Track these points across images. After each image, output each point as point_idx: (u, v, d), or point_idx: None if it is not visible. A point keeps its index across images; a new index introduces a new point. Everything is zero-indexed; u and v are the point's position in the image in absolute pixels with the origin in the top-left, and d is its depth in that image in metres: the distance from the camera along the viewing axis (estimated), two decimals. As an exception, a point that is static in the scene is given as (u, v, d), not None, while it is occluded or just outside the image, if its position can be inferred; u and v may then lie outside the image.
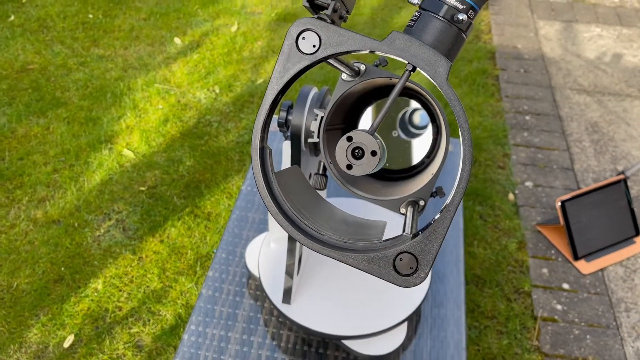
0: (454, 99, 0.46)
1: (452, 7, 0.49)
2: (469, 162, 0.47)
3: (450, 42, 0.50)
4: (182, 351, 1.06)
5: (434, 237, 0.47)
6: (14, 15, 2.70)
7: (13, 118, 2.10)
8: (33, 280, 1.57)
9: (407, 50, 0.45)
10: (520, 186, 1.93)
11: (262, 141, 0.49)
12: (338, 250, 0.48)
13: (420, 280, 0.47)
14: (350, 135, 0.47)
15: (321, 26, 0.46)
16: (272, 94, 0.48)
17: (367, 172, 0.47)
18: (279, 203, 0.49)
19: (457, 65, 2.49)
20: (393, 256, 0.47)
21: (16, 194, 1.81)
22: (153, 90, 2.25)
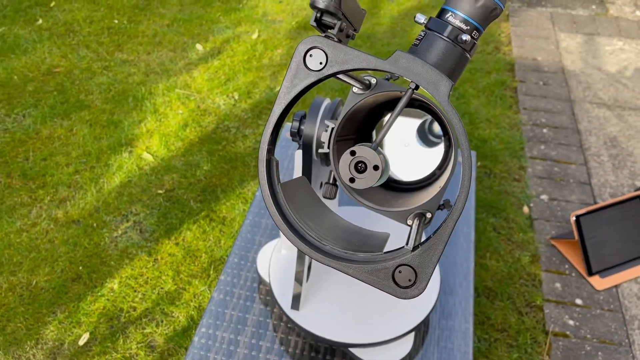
0: (455, 118, 0.47)
1: (457, 27, 0.51)
2: (468, 179, 0.48)
3: (454, 62, 0.52)
4: (192, 353, 1.09)
5: (432, 251, 0.48)
6: (42, 19, 2.77)
7: (38, 119, 2.16)
8: (52, 278, 1.61)
9: (410, 69, 0.47)
10: (536, 199, 1.93)
11: (269, 153, 0.51)
12: (339, 261, 0.50)
13: (419, 292, 0.48)
14: (353, 149, 0.49)
15: (328, 44, 0.48)
16: (279, 108, 0.50)
17: (369, 185, 0.49)
18: (283, 213, 0.51)
19: (476, 76, 2.49)
20: (392, 268, 0.49)
21: (38, 194, 1.86)
22: (174, 95, 2.30)
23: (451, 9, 0.52)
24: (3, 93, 2.29)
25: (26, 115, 2.18)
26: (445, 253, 1.29)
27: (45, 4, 2.89)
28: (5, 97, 2.27)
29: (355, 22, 0.51)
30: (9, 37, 2.62)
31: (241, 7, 2.94)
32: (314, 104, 0.91)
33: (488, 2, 0.51)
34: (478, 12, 0.51)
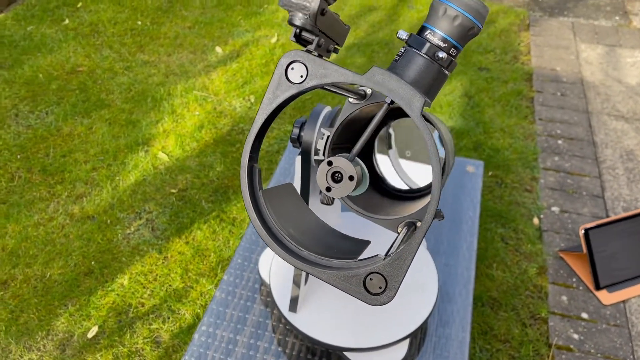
0: (426, 135, 0.49)
1: (435, 45, 0.53)
2: (437, 193, 0.49)
3: (432, 78, 0.53)
4: (191, 350, 1.12)
5: (402, 261, 0.50)
6: (69, 19, 2.85)
7: (60, 117, 2.22)
8: (65, 271, 1.66)
9: (384, 84, 0.49)
10: (546, 211, 1.92)
11: (251, 161, 0.53)
12: (314, 267, 0.52)
13: (388, 299, 0.50)
14: (330, 160, 0.51)
15: (308, 59, 0.50)
16: (261, 118, 0.52)
17: (345, 195, 0.51)
18: (263, 218, 0.54)
19: (492, 85, 2.49)
20: (364, 275, 0.50)
21: (57, 189, 1.92)
22: (191, 96, 2.34)
23: (430, 27, 0.53)
24: (28, 90, 2.36)
25: (49, 113, 2.25)
26: (447, 262, 1.30)
27: (72, 4, 2.97)
28: (30, 95, 2.34)
29: (337, 38, 0.53)
30: (36, 36, 2.70)
31: (262, 11, 2.98)
32: (314, 111, 0.93)
33: (465, 21, 0.52)
34: (456, 30, 0.53)
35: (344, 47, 2.70)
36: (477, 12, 0.52)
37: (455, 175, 1.52)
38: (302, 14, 0.47)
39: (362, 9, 3.03)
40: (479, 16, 0.53)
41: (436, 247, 1.33)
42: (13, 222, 1.80)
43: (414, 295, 1.09)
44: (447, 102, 2.36)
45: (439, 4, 0.53)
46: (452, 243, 1.34)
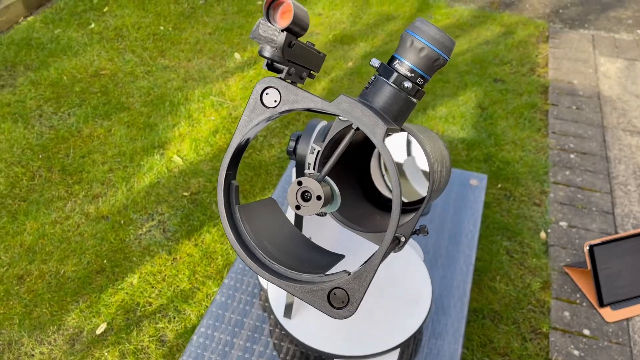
0: (388, 160, 0.51)
1: (402, 75, 0.55)
2: (396, 221, 0.52)
3: (399, 106, 0.56)
4: (189, 350, 1.16)
5: (363, 278, 0.53)
6: (95, 23, 2.94)
7: (81, 118, 2.30)
8: (78, 269, 1.72)
9: (350, 112, 0.52)
10: (554, 225, 1.91)
11: (227, 178, 0.56)
12: (284, 280, 0.55)
13: (349, 314, 0.53)
14: (300, 180, 0.54)
15: (281, 85, 0.53)
16: (237, 139, 0.56)
17: (313, 213, 0.54)
18: (238, 232, 0.57)
19: (506, 97, 2.49)
20: (328, 290, 0.54)
21: (74, 189, 1.99)
22: (208, 102, 2.40)
23: (399, 57, 0.56)
24: (52, 92, 2.45)
25: (71, 114, 2.33)
26: (444, 274, 1.31)
27: (99, 8, 3.07)
28: (54, 96, 2.42)
29: (311, 65, 0.57)
30: (63, 39, 2.80)
31: (281, 18, 3.03)
32: (308, 125, 0.97)
33: (431, 53, 0.55)
34: (422, 61, 0.56)
35: (359, 56, 2.73)
36: (442, 44, 0.55)
37: (458, 188, 1.53)
38: (270, 47, 0.51)
39: (381, 18, 3.06)
40: (444, 49, 0.56)
41: (434, 259, 1.35)
42: (32, 220, 1.87)
43: (407, 306, 1.12)
44: (460, 113, 2.37)
45: (407, 35, 0.56)
46: (450, 256, 1.35)
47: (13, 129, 2.24)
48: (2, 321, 1.58)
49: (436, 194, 1.00)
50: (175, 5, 3.12)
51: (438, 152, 0.97)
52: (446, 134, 2.27)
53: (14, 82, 2.50)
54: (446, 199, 1.50)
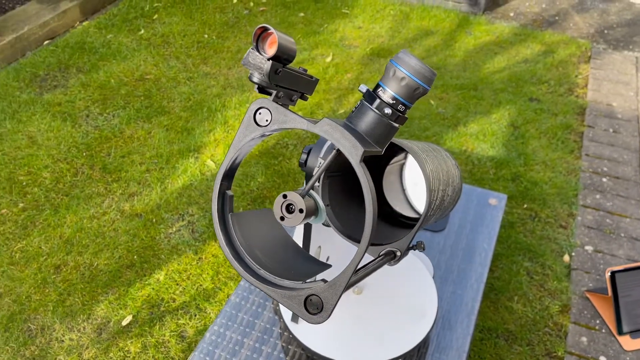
0: (364, 182, 0.56)
1: (384, 101, 0.60)
2: (367, 237, 0.56)
3: (381, 130, 0.60)
4: (201, 346, 1.22)
5: (337, 287, 0.57)
6: (144, 29, 3.09)
7: (124, 120, 2.42)
8: (110, 262, 1.82)
9: (330, 134, 0.57)
10: (579, 249, 1.89)
11: (221, 187, 0.62)
12: (268, 285, 0.60)
13: (322, 319, 0.58)
14: (285, 193, 0.59)
15: (272, 107, 0.59)
16: (231, 153, 0.61)
17: (295, 224, 0.59)
18: (229, 237, 0.63)
19: (541, 117, 2.47)
20: (304, 296, 0.58)
21: (113, 187, 2.11)
22: (244, 109, 2.49)
23: (382, 85, 0.61)
24: (100, 94, 2.59)
25: (115, 116, 2.46)
26: (454, 290, 1.33)
27: (149, 16, 3.22)
28: (101, 98, 2.57)
29: (302, 89, 0.61)
30: (114, 44, 2.95)
31: (322, 30, 3.10)
32: (320, 139, 1.02)
33: (411, 82, 0.59)
34: (403, 90, 0.60)
35: (395, 70, 2.76)
36: (422, 75, 0.59)
37: (476, 206, 1.55)
38: (258, 73, 0.56)
39: (420, 32, 3.08)
40: (424, 79, 0.59)
41: (446, 275, 1.37)
42: (72, 214, 1.99)
43: (412, 318, 1.15)
44: (491, 131, 2.37)
45: (390, 65, 0.60)
46: (462, 272, 1.37)
47: (62, 127, 2.39)
48: (38, 307, 1.69)
49: (440, 212, 1.03)
50: (220, 14, 3.24)
51: (444, 171, 1.00)
52: (475, 151, 2.27)
53: (66, 83, 2.66)
54: (463, 216, 1.52)
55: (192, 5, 3.32)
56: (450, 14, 3.24)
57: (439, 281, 1.36)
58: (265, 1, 3.38)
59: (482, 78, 2.72)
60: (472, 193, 1.59)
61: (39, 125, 2.39)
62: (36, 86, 2.64)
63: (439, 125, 2.41)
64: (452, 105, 2.54)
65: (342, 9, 3.29)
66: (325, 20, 3.19)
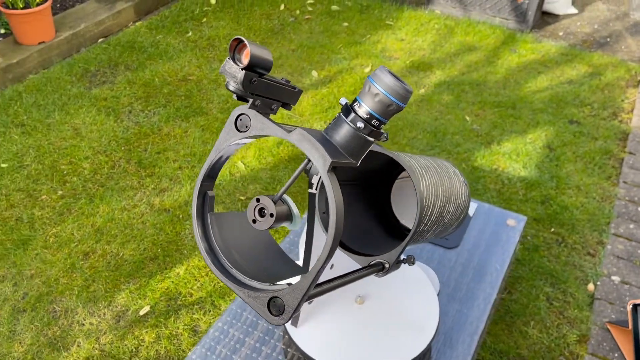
0: (330, 193, 0.57)
1: (358, 116, 0.61)
2: (328, 249, 0.57)
3: (354, 143, 0.62)
4: (204, 341, 1.26)
5: (299, 292, 0.59)
6: (192, 32, 3.20)
7: (163, 118, 2.52)
8: (135, 254, 1.90)
9: (301, 143, 0.59)
10: (605, 279, 1.83)
11: (202, 187, 0.65)
12: (235, 284, 0.63)
13: (283, 321, 0.60)
14: (259, 197, 0.62)
15: (252, 115, 0.61)
16: (212, 156, 0.64)
17: (265, 228, 0.61)
18: (207, 238, 0.66)
19: (579, 140, 2.40)
20: (268, 298, 0.60)
21: (146, 181, 2.19)
22: (277, 115, 2.53)
23: (359, 100, 0.62)
24: (144, 91, 2.70)
25: (155, 113, 2.56)
26: (460, 308, 1.32)
27: (198, 19, 3.33)
28: (145, 95, 2.67)
29: (282, 98, 0.64)
30: (162, 45, 3.07)
31: (364, 41, 3.12)
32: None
33: (384, 99, 0.60)
34: (377, 106, 0.61)
35: (433, 84, 2.75)
36: (396, 92, 0.60)
37: (494, 226, 1.53)
38: (233, 82, 0.58)
39: (463, 47, 3.06)
40: (397, 96, 0.61)
41: (454, 292, 1.36)
42: (105, 204, 2.09)
43: (410, 332, 1.15)
44: (525, 151, 2.33)
45: (367, 81, 0.62)
46: (470, 292, 1.36)
47: (105, 121, 2.50)
48: (64, 290, 1.78)
49: (440, 228, 1.03)
50: (266, 20, 3.31)
51: (445, 187, 1.01)
52: (506, 170, 2.23)
53: (113, 80, 2.79)
54: (479, 235, 1.50)
55: (240, 10, 3.41)
56: (496, 30, 3.20)
57: (445, 298, 1.35)
58: (312, 9, 3.44)
59: (522, 97, 2.67)
60: (490, 212, 1.57)
61: (84, 118, 2.52)
62: (86, 81, 2.78)
63: (472, 142, 2.38)
64: (487, 122, 2.50)
65: (387, 21, 3.30)
66: (369, 30, 3.21)
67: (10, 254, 1.90)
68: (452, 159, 2.29)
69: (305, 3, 3.50)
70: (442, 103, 2.63)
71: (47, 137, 2.41)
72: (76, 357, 1.60)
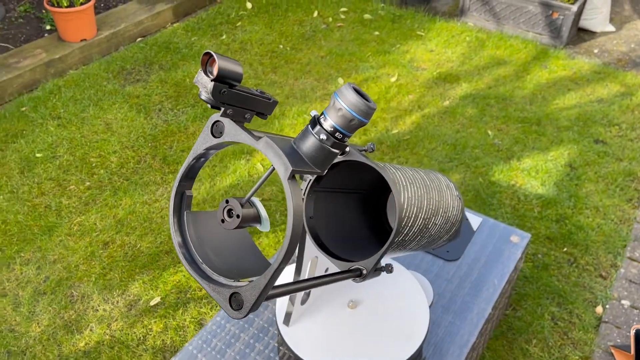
0: (289, 199, 0.62)
1: (323, 128, 0.65)
2: (284, 252, 0.61)
3: (318, 153, 0.66)
4: (201, 333, 1.32)
5: (257, 289, 0.63)
6: (226, 35, 3.29)
7: (190, 117, 2.61)
8: (152, 246, 1.98)
9: (266, 151, 0.63)
10: (615, 302, 1.80)
11: (179, 187, 0.71)
12: (203, 279, 0.68)
13: (241, 316, 0.64)
14: (227, 199, 0.66)
15: (227, 122, 0.66)
16: (189, 158, 0.69)
17: (232, 228, 0.66)
18: (182, 233, 0.71)
19: (603, 160, 2.36)
20: (229, 292, 0.65)
21: (168, 177, 2.28)
22: (301, 119, 2.59)
23: (325, 114, 0.66)
24: (175, 91, 2.80)
25: (184, 112, 2.65)
26: (453, 320, 1.34)
27: (233, 23, 3.42)
28: (175, 95, 2.77)
29: (256, 108, 0.68)
30: (196, 46, 3.17)
31: (393, 50, 3.14)
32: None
33: (347, 114, 0.64)
34: (340, 120, 0.65)
35: (458, 96, 2.75)
36: (358, 108, 0.64)
37: (497, 241, 1.53)
38: (205, 92, 0.63)
39: (492, 61, 3.04)
40: (359, 112, 0.64)
41: (448, 304, 1.38)
42: (128, 197, 2.18)
43: (397, 339, 1.17)
44: (545, 168, 2.31)
45: (333, 96, 0.66)
46: (464, 305, 1.37)
47: (135, 118, 2.61)
48: (83, 277, 1.88)
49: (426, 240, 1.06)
50: (299, 27, 3.38)
51: (433, 200, 1.03)
52: (524, 187, 2.22)
53: (147, 78, 2.90)
54: (480, 249, 1.51)
55: (274, 16, 3.48)
56: (529, 44, 3.17)
57: (439, 309, 1.37)
58: (344, 17, 3.48)
59: (548, 113, 2.64)
60: (495, 228, 1.57)
61: (116, 114, 2.63)
62: (122, 78, 2.90)
63: (492, 157, 2.38)
64: (510, 137, 2.49)
65: (418, 31, 3.31)
66: (399, 40, 3.23)
67: (36, 239, 2.01)
68: (470, 173, 2.29)
69: (339, 11, 3.55)
70: (465, 116, 2.63)
71: (81, 130, 2.53)
72: (88, 341, 1.69)
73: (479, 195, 2.18)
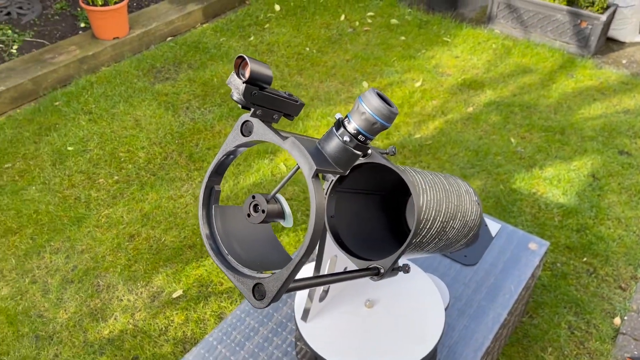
0: (313, 198, 0.65)
1: (347, 130, 0.69)
2: (305, 249, 0.65)
3: (342, 154, 0.69)
4: (221, 326, 1.36)
5: (279, 281, 0.67)
6: (254, 36, 3.35)
7: (217, 116, 2.66)
8: (176, 240, 2.03)
9: (292, 150, 0.67)
10: (633, 314, 1.80)
11: (209, 182, 0.75)
12: (228, 269, 0.72)
13: (263, 305, 0.68)
14: (254, 195, 0.70)
15: (256, 122, 0.70)
16: (219, 155, 0.73)
17: (257, 222, 0.69)
18: (210, 226, 0.75)
19: (627, 171, 2.35)
20: (253, 283, 0.69)
21: (193, 174, 2.33)
22: (324, 121, 2.62)
23: (349, 117, 0.70)
24: (202, 90, 2.86)
25: (210, 111, 2.71)
26: (468, 324, 1.36)
27: (261, 24, 3.48)
28: (202, 94, 2.83)
29: (284, 110, 0.71)
30: (224, 47, 3.23)
31: (419, 55, 3.16)
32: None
33: (369, 117, 0.67)
34: (363, 123, 0.68)
35: (482, 103, 2.76)
36: (380, 112, 0.67)
37: (515, 248, 1.55)
38: (236, 93, 0.67)
39: (517, 69, 3.04)
40: (382, 116, 0.67)
41: (464, 308, 1.39)
42: (154, 192, 2.24)
43: (411, 341, 1.20)
44: (567, 178, 2.30)
45: (357, 100, 0.69)
46: (480, 309, 1.39)
47: (164, 115, 2.67)
48: (109, 267, 1.94)
49: (444, 244, 1.08)
50: (325, 30, 3.42)
51: (452, 204, 1.06)
52: (545, 195, 2.22)
53: (176, 77, 2.97)
54: (498, 255, 1.53)
55: (302, 18, 3.53)
56: (555, 53, 3.16)
57: (455, 313, 1.39)
58: (371, 22, 3.51)
59: (573, 123, 2.63)
60: (514, 234, 1.58)
61: (145, 111, 2.70)
62: (151, 76, 2.98)
63: (514, 164, 2.38)
64: (533, 146, 2.49)
65: (444, 37, 3.33)
66: (424, 45, 3.25)
67: (66, 229, 2.08)
68: (491, 180, 2.30)
69: (366, 15, 3.58)
70: (488, 123, 2.64)
71: (111, 125, 2.61)
72: (112, 329, 1.75)
73: (500, 202, 2.19)
